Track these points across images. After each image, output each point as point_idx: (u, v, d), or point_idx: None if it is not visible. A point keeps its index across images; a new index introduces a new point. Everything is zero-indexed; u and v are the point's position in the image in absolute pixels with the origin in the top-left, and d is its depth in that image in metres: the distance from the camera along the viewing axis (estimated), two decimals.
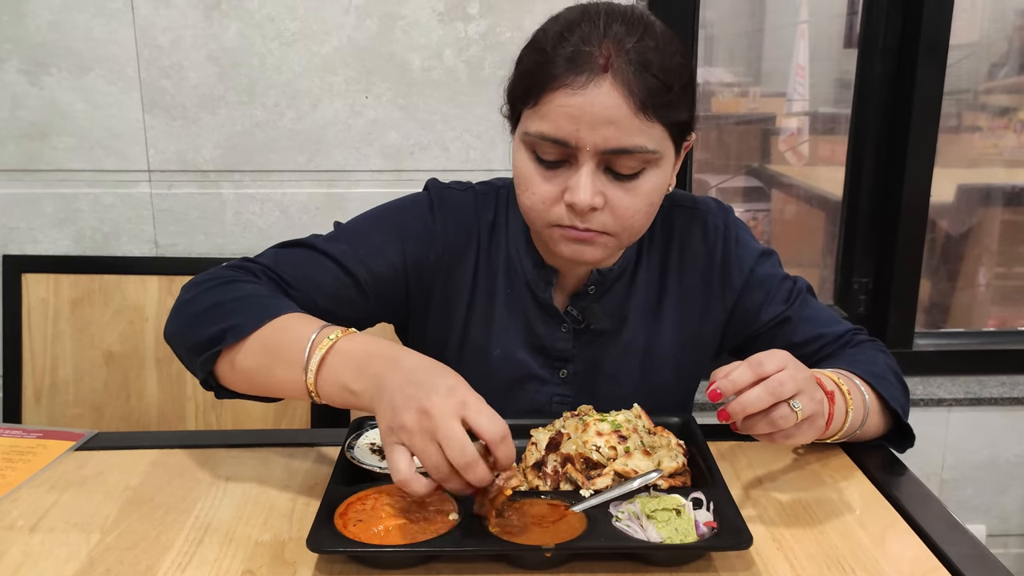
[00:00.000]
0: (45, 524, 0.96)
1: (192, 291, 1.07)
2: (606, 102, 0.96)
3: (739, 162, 2.32)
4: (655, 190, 1.04)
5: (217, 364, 1.01)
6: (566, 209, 1.02)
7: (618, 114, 0.96)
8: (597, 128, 0.97)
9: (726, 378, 0.91)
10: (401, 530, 0.87)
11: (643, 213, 1.04)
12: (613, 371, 1.20)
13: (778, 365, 0.91)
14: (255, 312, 1.00)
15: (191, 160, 1.84)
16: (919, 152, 2.01)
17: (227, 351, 0.99)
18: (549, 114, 0.98)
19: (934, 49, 1.95)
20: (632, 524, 0.89)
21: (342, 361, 0.92)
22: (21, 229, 1.85)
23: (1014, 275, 2.35)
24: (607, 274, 1.16)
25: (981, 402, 2.08)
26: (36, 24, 1.76)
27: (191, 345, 1.02)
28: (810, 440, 0.97)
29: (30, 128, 1.81)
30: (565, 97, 0.97)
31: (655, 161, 1.02)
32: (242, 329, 0.98)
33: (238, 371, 0.99)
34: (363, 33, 1.79)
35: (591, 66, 0.96)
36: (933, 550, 0.92)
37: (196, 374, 1.03)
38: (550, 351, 1.19)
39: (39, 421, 1.77)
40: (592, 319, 1.18)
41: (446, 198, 1.19)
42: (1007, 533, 2.19)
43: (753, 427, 0.92)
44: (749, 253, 1.21)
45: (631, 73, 0.96)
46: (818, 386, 0.96)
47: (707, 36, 2.10)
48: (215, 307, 1.03)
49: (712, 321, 1.22)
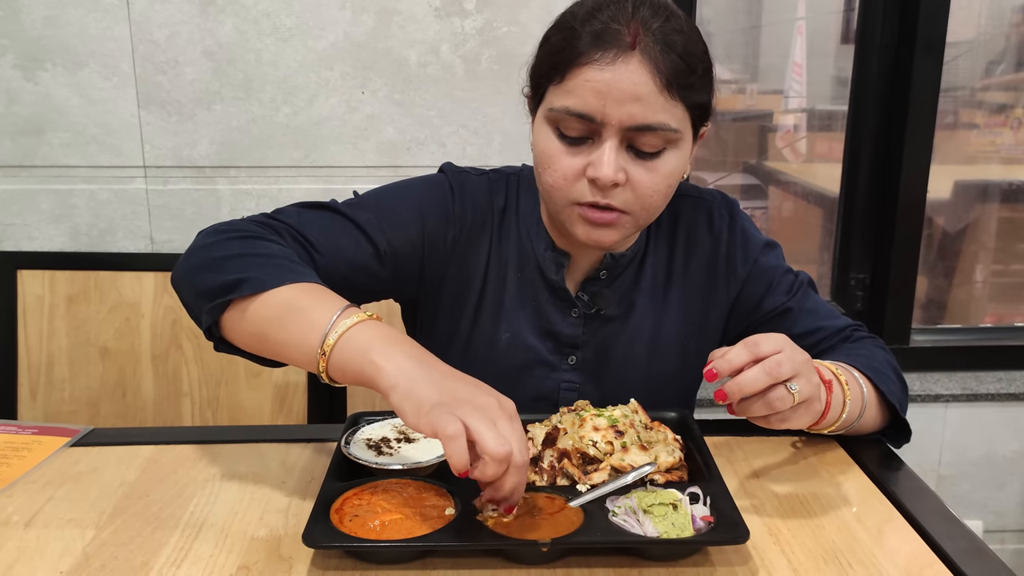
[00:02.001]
0: (40, 520, 0.96)
1: (212, 237, 1.05)
2: (633, 79, 0.98)
3: (736, 159, 2.32)
4: (674, 171, 1.05)
5: (225, 313, 0.98)
6: (588, 185, 1.03)
7: (644, 91, 0.98)
8: (623, 104, 0.98)
9: (723, 358, 0.91)
10: (397, 525, 0.87)
11: (661, 194, 1.05)
12: (621, 358, 1.20)
13: (775, 347, 0.91)
14: (280, 272, 0.97)
15: (187, 156, 1.83)
16: (916, 149, 2.01)
17: (240, 301, 0.96)
18: (576, 89, 1.00)
19: (931, 46, 1.95)
20: (629, 519, 0.89)
21: (373, 332, 0.89)
22: (16, 225, 1.85)
23: (1011, 271, 2.35)
24: (619, 259, 1.17)
25: (978, 398, 2.08)
26: (31, 19, 1.75)
27: (203, 290, 0.98)
28: (806, 425, 0.96)
29: (25, 124, 1.80)
30: (593, 72, 0.98)
31: (676, 141, 1.03)
32: (262, 283, 0.95)
33: (248, 322, 0.96)
34: (359, 28, 1.79)
35: (619, 43, 0.98)
36: (930, 544, 0.92)
37: (200, 320, 0.99)
38: (560, 336, 1.19)
39: (34, 417, 1.76)
40: (602, 304, 1.18)
41: (464, 181, 1.19)
42: (1004, 529, 2.19)
43: (749, 409, 0.92)
44: (754, 244, 1.22)
45: (658, 52, 0.98)
46: (815, 370, 0.96)
47: (704, 33, 2.09)
48: (238, 256, 1.00)
49: (716, 310, 1.23)
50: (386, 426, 1.08)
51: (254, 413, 1.76)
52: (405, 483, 0.95)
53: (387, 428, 1.07)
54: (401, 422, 1.08)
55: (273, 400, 1.76)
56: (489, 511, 0.88)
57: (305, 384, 1.77)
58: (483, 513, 0.88)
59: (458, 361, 1.19)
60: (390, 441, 1.03)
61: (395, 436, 1.05)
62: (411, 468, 0.97)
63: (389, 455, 1.00)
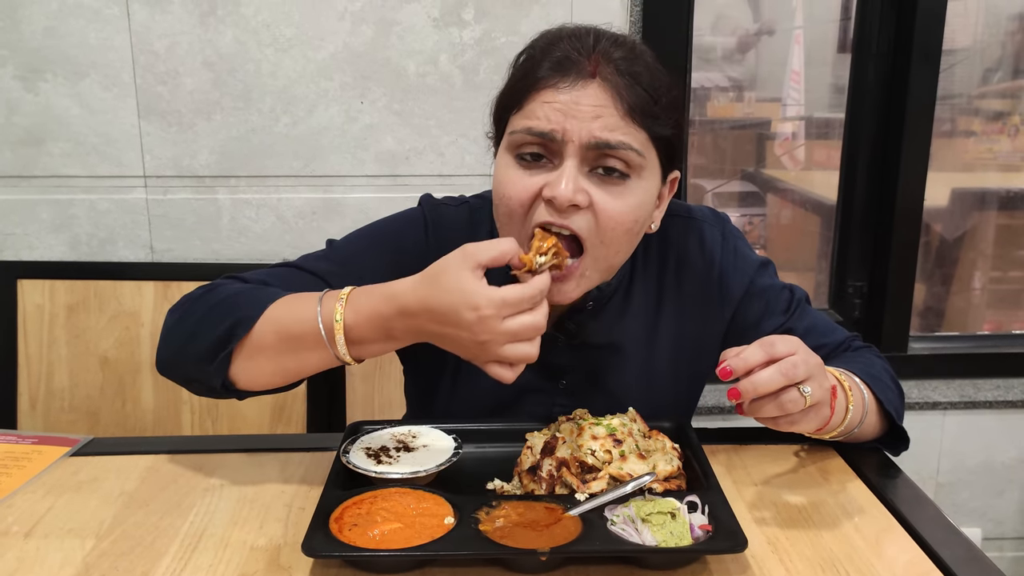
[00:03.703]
0: (40, 530, 0.96)
1: (177, 312, 1.07)
2: (593, 100, 0.97)
3: (735, 167, 2.33)
4: (640, 205, 1.02)
5: (232, 363, 0.99)
6: (545, 207, 0.99)
7: (605, 112, 0.97)
8: (584, 121, 0.97)
9: (738, 356, 0.91)
10: (396, 534, 0.87)
11: (624, 227, 1.01)
12: (612, 381, 1.19)
13: (790, 348, 0.91)
14: (254, 302, 0.99)
15: (187, 166, 1.84)
16: (913, 156, 2.01)
17: (240, 345, 0.98)
18: (536, 110, 0.99)
19: (927, 54, 1.96)
20: (627, 528, 0.89)
21: (366, 294, 0.94)
22: (17, 235, 1.85)
23: (1009, 279, 2.35)
24: (605, 289, 1.15)
25: (976, 405, 2.09)
26: (32, 30, 1.76)
27: (200, 355, 1.00)
28: (813, 429, 0.96)
29: (26, 134, 1.81)
30: (552, 94, 0.98)
31: (641, 170, 1.01)
32: (250, 319, 0.97)
33: (259, 358, 0.98)
34: (358, 39, 1.80)
35: (579, 71, 0.98)
36: (928, 553, 0.92)
37: (212, 382, 1.00)
38: (548, 364, 1.18)
39: (34, 427, 1.76)
40: (588, 334, 1.17)
41: (441, 214, 1.18)
42: (1003, 536, 2.19)
43: (760, 409, 0.92)
44: (748, 264, 1.20)
45: (619, 80, 0.98)
46: (827, 374, 0.96)
47: (702, 41, 2.11)
48: (212, 310, 1.02)
49: (710, 332, 1.21)
50: (385, 435, 1.08)
51: (253, 422, 1.76)
52: (404, 492, 0.95)
53: (386, 437, 1.07)
54: (400, 431, 1.08)
55: (272, 409, 1.77)
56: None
57: (304, 393, 1.77)
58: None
59: (448, 387, 1.19)
60: (389, 450, 1.04)
61: (394, 445, 1.05)
62: (410, 477, 0.98)
63: (388, 464, 1.00)
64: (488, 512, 0.91)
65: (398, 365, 1.30)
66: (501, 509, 0.91)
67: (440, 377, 1.20)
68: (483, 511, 0.91)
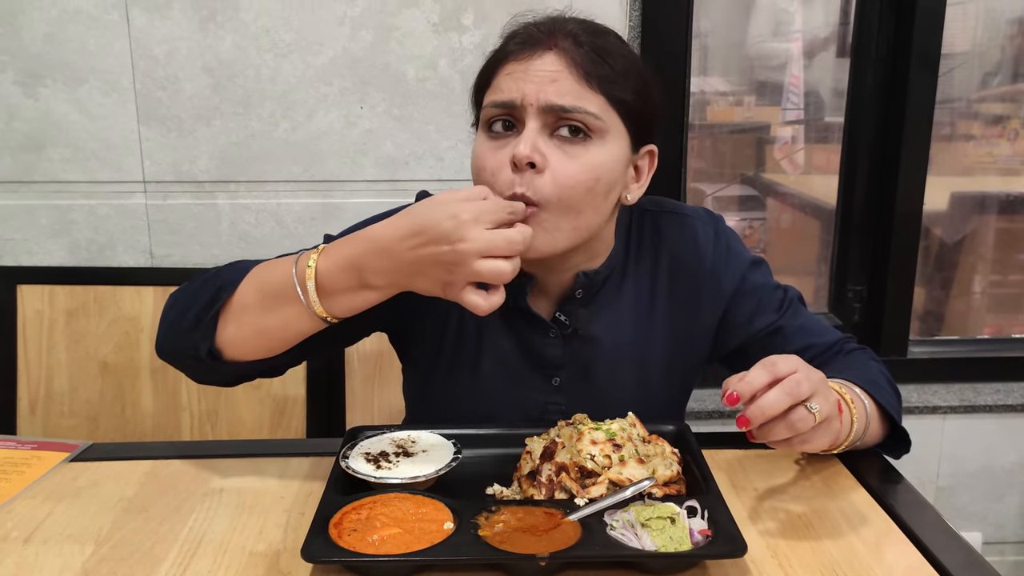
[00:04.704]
0: (39, 535, 0.96)
1: (170, 301, 1.11)
2: (548, 67, 1.03)
3: (734, 171, 2.33)
4: (600, 165, 1.04)
5: (219, 331, 1.03)
6: (512, 171, 1.03)
7: (560, 76, 1.02)
8: (541, 86, 1.02)
9: (742, 381, 0.90)
10: (396, 540, 0.87)
11: (583, 186, 1.03)
12: (605, 377, 1.19)
13: (792, 366, 0.91)
14: (239, 269, 1.05)
15: (186, 171, 1.84)
16: (912, 160, 2.01)
17: (225, 307, 1.02)
18: (500, 85, 1.06)
19: (926, 58, 1.96)
20: (627, 532, 0.89)
21: (344, 241, 0.97)
22: (16, 240, 1.85)
23: (1009, 283, 2.35)
24: (593, 276, 1.15)
25: (976, 409, 2.08)
26: (31, 35, 1.76)
27: (189, 323, 1.03)
28: (827, 445, 0.96)
29: (25, 139, 1.81)
30: (512, 66, 1.05)
31: (602, 132, 1.04)
32: (234, 282, 1.03)
33: (243, 319, 1.02)
34: (358, 44, 1.80)
35: (536, 43, 1.04)
36: (928, 558, 0.92)
37: (199, 350, 1.03)
38: (540, 359, 1.18)
39: (34, 432, 1.76)
40: (580, 324, 1.17)
41: None
42: (1003, 541, 2.19)
43: (771, 433, 0.91)
44: (740, 261, 1.21)
45: (575, 48, 1.03)
46: (830, 388, 0.96)
47: (701, 46, 2.11)
48: (203, 284, 1.06)
49: (702, 328, 1.22)
50: (385, 440, 1.08)
51: (253, 427, 1.76)
52: (404, 497, 0.95)
53: (386, 442, 1.07)
54: (399, 436, 1.08)
55: (272, 414, 1.76)
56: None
57: (304, 398, 1.77)
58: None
59: (443, 383, 1.20)
60: (389, 455, 1.04)
61: (394, 450, 1.05)
62: (410, 482, 0.98)
63: (388, 469, 1.00)
64: (487, 517, 0.91)
65: (398, 369, 1.30)
66: (500, 514, 0.92)
67: (434, 376, 1.21)
68: (482, 516, 0.91)
